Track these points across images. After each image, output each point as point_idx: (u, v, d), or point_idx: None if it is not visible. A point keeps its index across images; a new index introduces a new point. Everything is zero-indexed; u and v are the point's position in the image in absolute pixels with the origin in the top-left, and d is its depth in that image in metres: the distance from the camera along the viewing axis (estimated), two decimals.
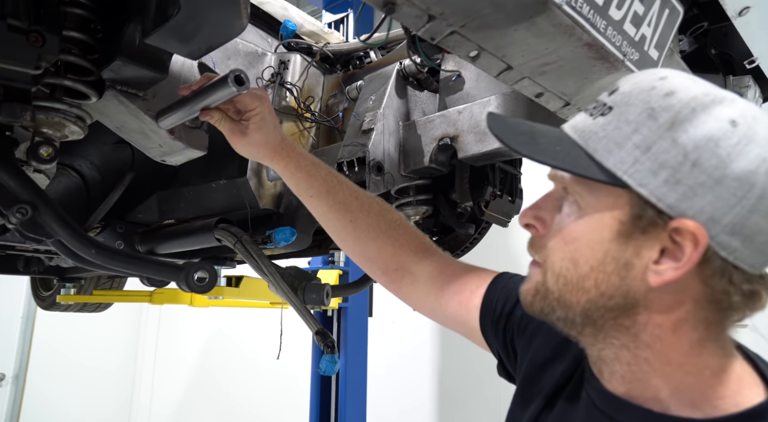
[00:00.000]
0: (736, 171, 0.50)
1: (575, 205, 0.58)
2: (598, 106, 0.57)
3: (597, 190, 0.55)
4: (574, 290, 0.57)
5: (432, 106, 1.28)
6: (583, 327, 0.58)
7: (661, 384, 0.56)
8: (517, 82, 0.80)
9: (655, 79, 0.55)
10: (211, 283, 1.01)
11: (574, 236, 0.57)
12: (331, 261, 2.58)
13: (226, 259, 1.64)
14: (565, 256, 0.57)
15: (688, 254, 0.51)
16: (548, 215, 0.61)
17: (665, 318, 0.54)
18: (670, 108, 0.52)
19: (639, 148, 0.52)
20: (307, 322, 1.18)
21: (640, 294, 0.54)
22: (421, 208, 1.29)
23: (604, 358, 0.60)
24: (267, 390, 3.89)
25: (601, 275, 0.55)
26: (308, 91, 1.47)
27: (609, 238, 0.54)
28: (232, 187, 1.40)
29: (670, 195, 0.51)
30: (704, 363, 0.55)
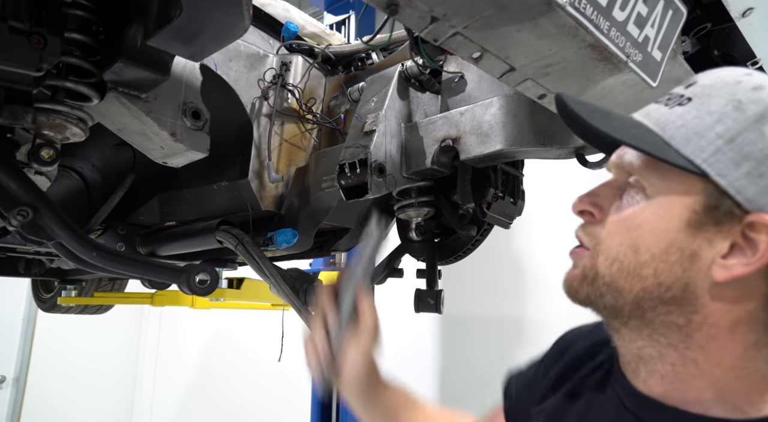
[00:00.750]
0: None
1: (641, 193, 0.56)
2: (673, 97, 0.56)
3: (669, 177, 0.54)
4: (629, 277, 0.55)
5: (434, 107, 1.28)
6: (629, 318, 0.57)
7: (705, 387, 0.54)
8: (519, 83, 0.80)
9: (741, 74, 0.54)
10: (213, 285, 1.01)
11: (638, 222, 0.55)
12: (333, 263, 2.58)
13: (228, 261, 1.64)
14: (625, 242, 0.55)
15: (762, 250, 0.50)
16: (606, 202, 0.59)
17: (723, 317, 0.53)
18: (760, 101, 0.51)
19: (722, 138, 0.51)
20: (308, 324, 1.18)
21: (700, 290, 0.53)
22: (423, 210, 1.29)
23: (645, 357, 0.58)
24: (268, 391, 3.89)
25: (662, 265, 0.53)
26: (310, 93, 1.47)
27: (677, 227, 0.53)
28: (234, 189, 1.40)
29: (750, 188, 0.50)
30: (756, 367, 0.54)
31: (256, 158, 1.39)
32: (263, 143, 1.40)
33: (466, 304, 3.19)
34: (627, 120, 0.58)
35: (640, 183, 0.56)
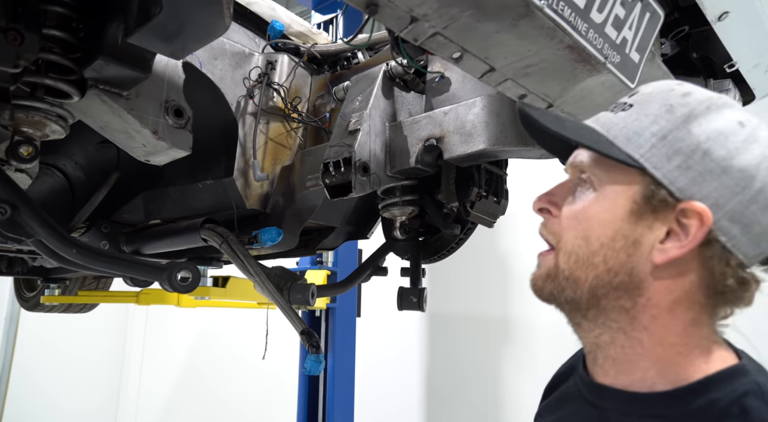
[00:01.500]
0: (741, 164, 0.56)
1: (590, 188, 0.62)
2: (618, 105, 0.64)
3: (613, 172, 0.61)
4: (583, 267, 0.61)
5: (418, 107, 1.28)
6: (587, 308, 0.62)
7: (649, 365, 0.59)
8: (500, 83, 0.81)
9: (674, 84, 0.62)
10: (195, 283, 1.00)
11: (588, 214, 0.61)
12: (320, 262, 2.58)
13: (213, 259, 1.63)
14: (578, 234, 0.62)
15: (693, 234, 0.56)
16: (562, 200, 0.65)
17: (664, 298, 0.58)
18: (687, 105, 0.59)
19: (656, 136, 0.58)
20: (293, 322, 1.18)
21: (643, 273, 0.58)
22: (407, 208, 1.29)
23: (601, 343, 0.63)
24: (255, 388, 3.88)
25: (610, 252, 0.59)
26: (295, 92, 1.46)
27: (621, 217, 0.59)
28: (219, 187, 1.39)
29: (681, 179, 0.57)
30: (695, 343, 0.58)
31: (242, 156, 1.38)
32: (248, 141, 1.39)
33: (452, 303, 3.21)
34: (578, 124, 0.65)
35: (589, 178, 0.63)
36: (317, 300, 2.42)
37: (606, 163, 0.61)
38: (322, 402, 2.60)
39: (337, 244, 1.70)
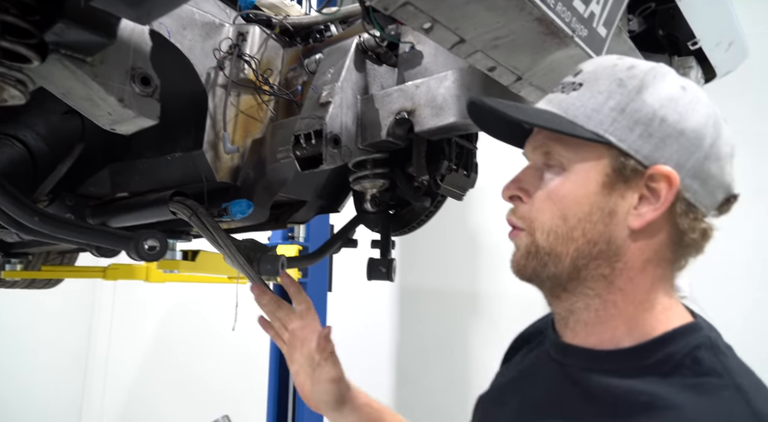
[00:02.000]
0: (692, 124, 0.61)
1: (559, 168, 0.65)
2: (567, 85, 0.67)
3: (581, 150, 0.64)
4: (564, 242, 0.64)
5: (391, 80, 1.28)
6: (568, 280, 0.65)
7: (619, 323, 0.64)
8: (470, 55, 0.81)
9: (614, 59, 0.66)
10: (162, 251, 1.00)
11: (562, 194, 0.64)
12: (291, 237, 2.58)
13: (182, 233, 1.62)
14: (555, 214, 0.64)
15: (664, 195, 0.61)
16: (530, 185, 0.68)
17: (638, 258, 0.63)
18: (635, 76, 0.63)
19: (615, 110, 0.62)
20: None
21: (620, 240, 0.62)
22: (378, 181, 1.30)
23: (575, 310, 0.66)
24: (227, 362, 3.89)
25: (588, 225, 0.63)
26: (267, 64, 1.44)
27: (594, 191, 0.63)
28: (188, 160, 1.38)
29: (645, 147, 0.61)
30: (658, 299, 0.64)
31: (212, 128, 1.36)
32: (218, 113, 1.37)
33: (422, 278, 3.25)
34: (535, 109, 0.68)
35: (557, 160, 0.66)
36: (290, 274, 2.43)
37: (572, 143, 0.64)
38: (293, 378, 2.62)
39: (308, 218, 1.70)
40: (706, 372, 0.57)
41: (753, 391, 0.56)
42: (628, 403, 0.58)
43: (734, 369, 0.58)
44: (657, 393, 0.57)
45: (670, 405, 0.55)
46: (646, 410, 0.56)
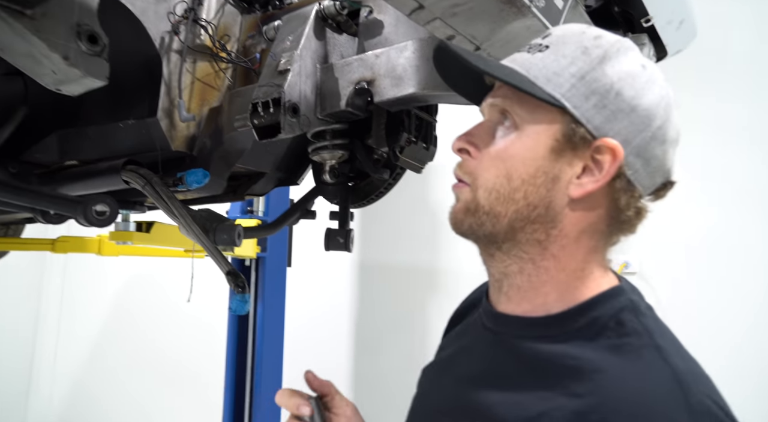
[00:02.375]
0: (645, 103, 0.61)
1: (512, 127, 0.65)
2: (534, 46, 0.66)
3: (536, 111, 0.64)
4: (504, 202, 0.64)
5: (351, 50, 1.27)
6: (503, 241, 0.66)
7: (551, 290, 0.65)
8: (429, 22, 0.81)
9: (584, 27, 0.66)
10: (112, 216, 0.97)
11: (510, 153, 0.64)
12: (250, 210, 2.55)
13: (136, 203, 1.58)
14: (500, 173, 0.64)
15: (607, 169, 0.61)
16: (481, 141, 0.67)
17: (573, 228, 0.64)
18: (601, 46, 0.63)
19: (575, 76, 0.62)
20: (218, 263, 1.18)
21: (560, 207, 0.63)
22: (337, 152, 1.29)
23: (509, 273, 0.67)
24: (187, 336, 3.84)
25: (530, 188, 0.63)
26: (224, 30, 1.41)
27: (542, 155, 0.63)
28: (142, 127, 1.33)
29: (597, 117, 0.61)
30: (591, 268, 0.65)
31: (166, 95, 1.32)
32: (173, 80, 1.33)
33: (383, 253, 3.28)
34: (499, 63, 0.67)
35: (512, 117, 0.65)
36: (247, 249, 2.41)
37: (528, 102, 0.64)
38: (251, 352, 2.62)
39: (267, 190, 1.68)
40: (628, 333, 0.60)
41: (670, 349, 0.59)
42: (558, 367, 0.60)
43: (654, 330, 0.61)
44: (584, 357, 0.59)
45: (596, 367, 0.58)
46: (575, 373, 0.58)
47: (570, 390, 0.57)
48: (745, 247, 2.51)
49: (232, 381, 2.65)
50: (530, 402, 0.59)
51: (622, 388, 0.55)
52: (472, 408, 0.65)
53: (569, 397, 0.57)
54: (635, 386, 0.55)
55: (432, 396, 0.76)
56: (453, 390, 0.71)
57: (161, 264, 3.39)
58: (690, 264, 2.62)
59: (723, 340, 2.48)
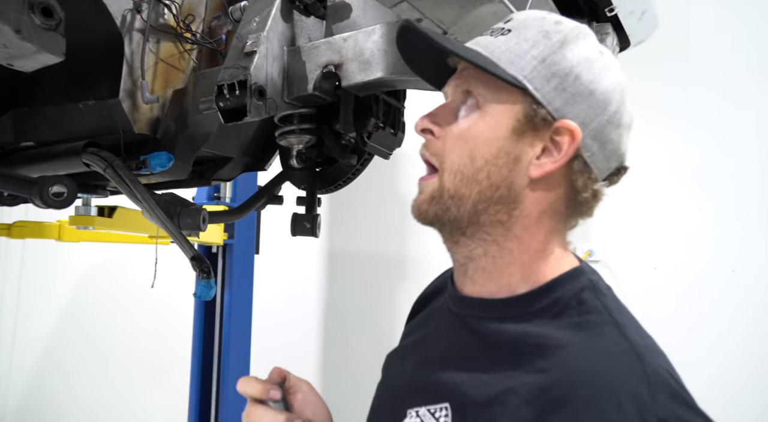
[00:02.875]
0: (602, 88, 0.64)
1: (475, 108, 0.66)
2: (496, 29, 0.68)
3: (498, 91, 0.65)
4: (468, 184, 0.65)
5: (319, 33, 1.25)
6: (468, 225, 0.66)
7: (515, 271, 0.67)
8: (396, 5, 0.81)
9: (544, 13, 0.68)
10: (70, 198, 0.94)
11: (473, 133, 0.65)
12: (217, 197, 2.51)
13: (97, 187, 1.54)
14: (464, 153, 0.65)
15: (565, 150, 0.63)
16: (444, 121, 0.68)
17: (534, 209, 0.65)
18: (561, 31, 0.65)
19: (536, 59, 0.63)
20: (183, 248, 1.16)
21: (520, 187, 0.65)
22: (304, 137, 1.28)
23: (474, 256, 0.68)
24: (153, 323, 3.78)
25: (493, 168, 0.64)
26: (189, 10, 1.37)
27: (504, 135, 0.64)
28: (103, 108, 1.30)
29: (557, 100, 0.63)
30: (552, 249, 0.67)
31: (128, 76, 1.29)
32: (136, 60, 1.30)
33: (351, 242, 3.28)
34: (463, 44, 0.68)
35: (475, 97, 0.66)
36: (214, 235, 2.38)
37: (491, 83, 0.65)
38: (218, 340, 2.59)
39: (233, 175, 1.66)
40: (588, 311, 0.62)
41: (628, 326, 0.61)
42: (522, 346, 0.62)
43: (613, 308, 0.63)
44: (547, 334, 0.61)
45: (559, 344, 0.59)
46: (539, 351, 0.60)
47: (534, 367, 0.59)
48: (705, 236, 2.60)
49: (199, 368, 2.63)
50: (496, 380, 0.61)
51: (584, 362, 0.57)
52: (438, 388, 0.66)
53: (534, 373, 0.58)
54: (596, 360, 0.57)
55: (397, 380, 0.77)
56: (419, 373, 0.71)
57: (125, 250, 3.32)
58: (651, 253, 2.70)
59: (684, 327, 2.58)
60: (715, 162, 2.61)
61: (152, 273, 1.48)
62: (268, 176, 1.71)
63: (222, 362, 2.57)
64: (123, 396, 3.93)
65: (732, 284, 2.52)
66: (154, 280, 1.27)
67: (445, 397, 0.64)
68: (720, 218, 2.58)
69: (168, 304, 3.52)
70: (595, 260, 2.79)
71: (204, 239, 2.36)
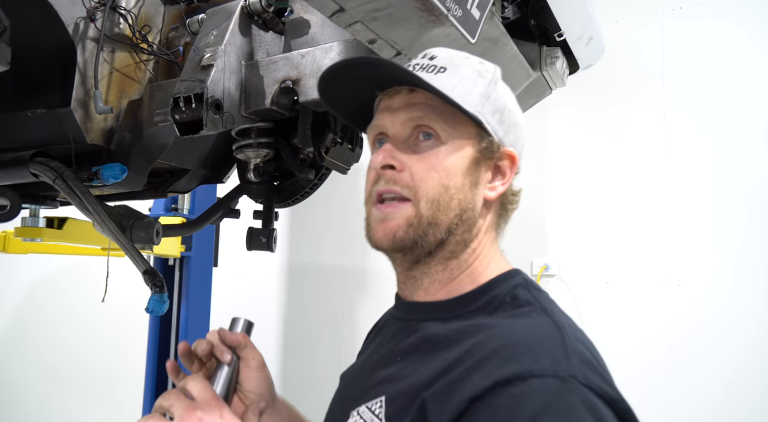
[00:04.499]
0: (521, 119, 0.77)
1: (438, 141, 0.71)
2: (428, 66, 0.73)
3: (457, 126, 0.71)
4: (444, 210, 0.70)
5: (277, 48, 1.26)
6: (437, 247, 0.71)
7: (465, 276, 0.73)
8: (350, 25, 0.82)
9: (460, 52, 0.76)
10: (14, 211, 0.92)
11: (445, 165, 0.70)
12: (174, 208, 2.46)
13: (46, 198, 1.49)
14: (437, 183, 0.70)
15: (509, 173, 0.74)
16: (402, 156, 0.71)
17: (484, 224, 0.74)
18: (489, 70, 0.74)
19: (482, 96, 0.72)
20: (135, 262, 1.13)
21: (479, 207, 0.73)
22: (262, 151, 1.28)
23: (433, 272, 0.74)
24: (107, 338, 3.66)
25: (462, 195, 0.71)
26: (145, 20, 1.36)
27: (468, 164, 0.71)
28: (53, 117, 1.27)
29: (500, 130, 0.73)
30: (493, 255, 0.75)
31: (81, 85, 1.26)
32: (89, 69, 1.27)
33: (312, 255, 3.26)
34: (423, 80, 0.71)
35: (435, 132, 0.71)
36: (171, 248, 2.33)
37: (449, 118, 0.71)
38: (173, 356, 2.53)
39: (190, 187, 1.64)
40: (521, 305, 0.69)
41: (556, 311, 0.69)
42: (460, 335, 0.66)
43: (543, 299, 0.70)
44: (482, 323, 0.67)
45: (492, 325, 0.66)
46: (474, 332, 0.65)
47: (467, 343, 0.64)
48: (653, 253, 2.70)
49: (153, 386, 2.55)
50: (435, 364, 0.64)
51: (510, 330, 0.65)
52: (376, 384, 0.70)
53: (467, 347, 0.64)
54: (522, 329, 0.65)
55: (345, 391, 0.81)
56: (363, 378, 0.75)
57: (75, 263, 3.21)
58: (604, 268, 2.78)
59: (632, 338, 2.66)
60: (663, 180, 2.73)
61: (104, 287, 1.44)
62: (228, 188, 1.69)
63: None
64: (73, 415, 3.77)
65: (678, 298, 2.63)
66: (105, 294, 1.24)
67: (381, 392, 0.67)
68: (667, 235, 2.69)
69: (121, 318, 3.41)
70: (550, 274, 2.86)
71: (160, 252, 2.31)
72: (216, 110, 1.11)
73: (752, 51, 2.61)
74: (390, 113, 0.73)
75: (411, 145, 0.71)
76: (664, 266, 2.68)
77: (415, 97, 0.71)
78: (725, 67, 2.65)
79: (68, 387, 3.79)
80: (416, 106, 0.71)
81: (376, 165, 0.71)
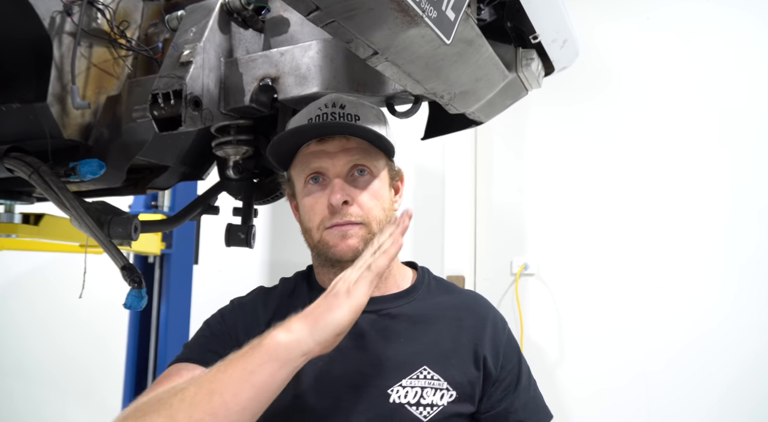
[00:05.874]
0: None
1: (369, 175, 0.97)
2: (346, 116, 0.99)
3: (379, 159, 1.00)
4: (381, 225, 0.96)
5: (257, 46, 1.27)
6: None
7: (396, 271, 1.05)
8: (327, 24, 0.83)
9: (355, 99, 1.04)
10: None
11: (381, 194, 0.98)
12: (155, 205, 2.45)
13: (22, 193, 1.48)
14: (379, 208, 0.97)
15: (402, 189, 1.07)
16: (351, 190, 0.95)
17: None
18: (381, 113, 1.05)
19: (388, 135, 1.00)
20: (113, 257, 1.13)
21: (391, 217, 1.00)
22: (241, 148, 1.28)
23: None
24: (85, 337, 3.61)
25: (387, 211, 0.99)
26: (124, 16, 1.36)
27: (388, 189, 1.01)
28: (29, 112, 1.26)
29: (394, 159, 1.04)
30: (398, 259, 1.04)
31: (57, 80, 1.26)
32: (66, 64, 1.27)
33: (293, 253, 3.26)
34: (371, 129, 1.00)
35: (368, 169, 0.97)
36: (151, 245, 2.32)
37: (375, 155, 0.99)
38: (153, 354, 2.51)
39: (170, 184, 1.63)
40: (446, 285, 1.09)
41: None
42: (430, 308, 1.01)
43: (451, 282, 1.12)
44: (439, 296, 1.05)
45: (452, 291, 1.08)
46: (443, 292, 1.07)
47: (460, 311, 1.02)
48: (634, 254, 2.75)
49: (132, 385, 2.53)
50: (446, 328, 0.98)
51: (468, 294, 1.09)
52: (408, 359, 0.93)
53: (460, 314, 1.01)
54: (472, 293, 1.10)
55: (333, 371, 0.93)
56: (355, 364, 0.93)
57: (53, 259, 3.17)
58: (583, 268, 2.83)
59: (610, 337, 2.70)
60: (643, 180, 2.78)
61: (81, 283, 1.43)
62: (208, 185, 1.69)
63: (157, 377, 2.49)
64: (50, 417, 3.73)
65: (659, 300, 2.67)
66: (82, 290, 1.23)
67: (417, 363, 0.93)
68: (648, 236, 2.74)
69: (100, 316, 3.38)
70: (529, 273, 2.90)
71: (140, 249, 2.29)
72: (195, 107, 1.11)
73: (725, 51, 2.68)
74: (328, 156, 0.95)
75: (350, 180, 0.96)
76: (644, 266, 2.72)
77: (350, 143, 0.95)
78: (701, 66, 2.71)
79: (46, 388, 3.74)
80: (353, 150, 0.96)
81: (337, 202, 0.92)
